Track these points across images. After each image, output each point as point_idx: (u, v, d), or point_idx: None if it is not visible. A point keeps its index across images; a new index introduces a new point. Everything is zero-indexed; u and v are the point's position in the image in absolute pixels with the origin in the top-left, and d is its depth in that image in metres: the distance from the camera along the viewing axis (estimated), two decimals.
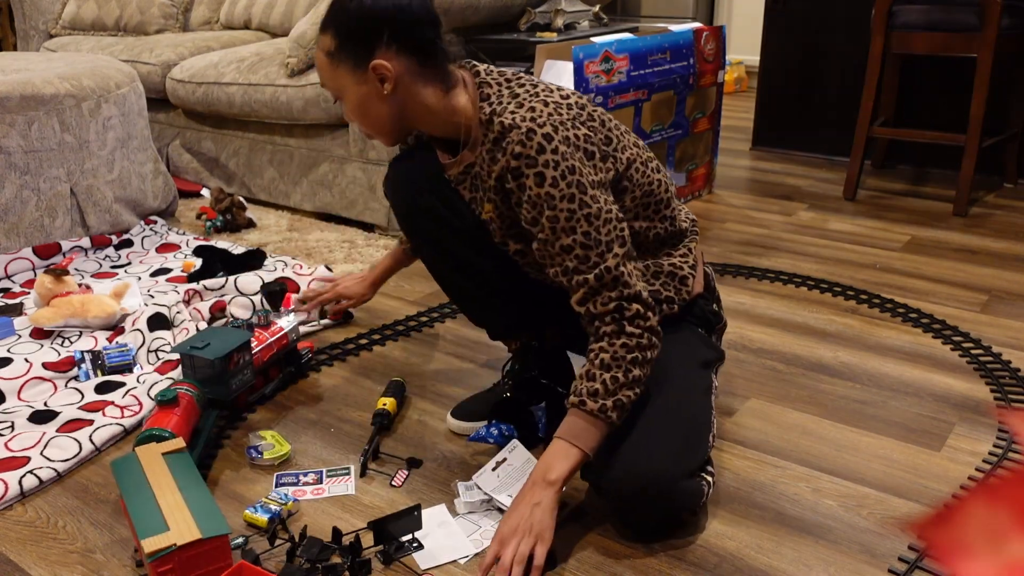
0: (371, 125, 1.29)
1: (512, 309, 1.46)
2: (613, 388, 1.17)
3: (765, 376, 1.70)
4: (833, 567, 1.17)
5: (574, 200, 1.17)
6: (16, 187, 2.18)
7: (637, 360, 1.18)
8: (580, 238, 1.18)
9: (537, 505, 1.15)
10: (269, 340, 1.64)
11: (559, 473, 1.16)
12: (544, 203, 1.17)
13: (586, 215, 1.18)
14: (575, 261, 1.19)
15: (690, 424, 1.24)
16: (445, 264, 1.41)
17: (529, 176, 1.17)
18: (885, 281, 2.17)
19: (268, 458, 1.42)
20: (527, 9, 2.73)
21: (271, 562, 1.19)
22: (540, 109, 1.19)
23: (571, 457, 1.17)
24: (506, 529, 1.14)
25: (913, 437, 1.49)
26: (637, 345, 1.18)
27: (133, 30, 3.55)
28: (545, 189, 1.17)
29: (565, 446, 1.17)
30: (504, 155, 1.19)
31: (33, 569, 1.19)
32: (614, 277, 1.18)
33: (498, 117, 1.21)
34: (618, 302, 1.18)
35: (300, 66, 2.61)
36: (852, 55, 3.31)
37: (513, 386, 1.53)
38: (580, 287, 1.19)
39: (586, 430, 1.17)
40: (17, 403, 1.61)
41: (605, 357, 1.18)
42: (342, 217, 2.70)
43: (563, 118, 1.20)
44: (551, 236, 1.19)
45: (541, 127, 1.17)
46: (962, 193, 2.70)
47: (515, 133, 1.18)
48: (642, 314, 1.19)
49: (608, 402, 1.17)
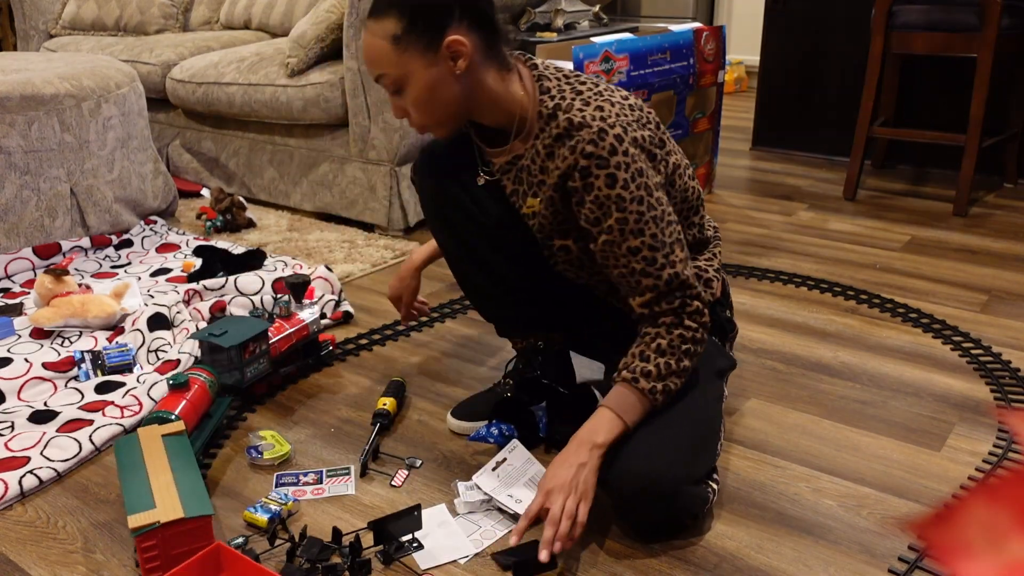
0: (436, 112, 1.22)
1: (524, 309, 1.47)
2: (666, 373, 1.20)
3: (765, 376, 1.70)
4: (833, 567, 1.17)
5: (643, 203, 1.18)
6: (16, 187, 2.18)
7: (689, 352, 1.22)
8: (648, 240, 1.19)
9: (583, 465, 1.17)
10: (288, 331, 1.67)
11: (605, 438, 1.19)
12: (613, 204, 1.18)
13: (653, 217, 1.19)
14: (642, 263, 1.20)
15: (700, 431, 1.25)
16: (464, 257, 1.42)
17: (600, 176, 1.17)
18: (885, 281, 2.17)
19: (268, 458, 1.42)
20: (527, 9, 2.73)
21: (271, 562, 1.19)
22: (608, 109, 1.18)
23: (616, 427, 1.20)
24: (553, 484, 1.16)
25: (913, 437, 1.49)
26: (692, 338, 1.22)
27: (133, 30, 3.55)
28: (616, 191, 1.17)
29: (612, 416, 1.20)
30: (573, 153, 1.18)
31: (33, 569, 1.19)
32: (681, 282, 1.21)
33: (564, 113, 1.19)
34: (682, 299, 1.22)
35: (300, 66, 2.61)
36: (852, 55, 3.31)
37: (514, 386, 1.53)
38: (648, 291, 1.21)
39: (634, 406, 1.20)
40: (17, 403, 1.61)
41: (662, 343, 1.21)
42: (342, 217, 2.70)
43: (630, 119, 1.20)
44: (619, 238, 1.19)
45: (612, 127, 1.17)
46: (962, 193, 2.70)
47: (586, 132, 1.16)
48: (700, 311, 1.22)
49: (659, 385, 1.20)
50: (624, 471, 1.18)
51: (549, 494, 1.15)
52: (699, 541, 1.23)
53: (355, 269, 2.26)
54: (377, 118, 2.49)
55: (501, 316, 1.50)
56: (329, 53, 2.64)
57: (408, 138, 2.51)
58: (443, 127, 1.26)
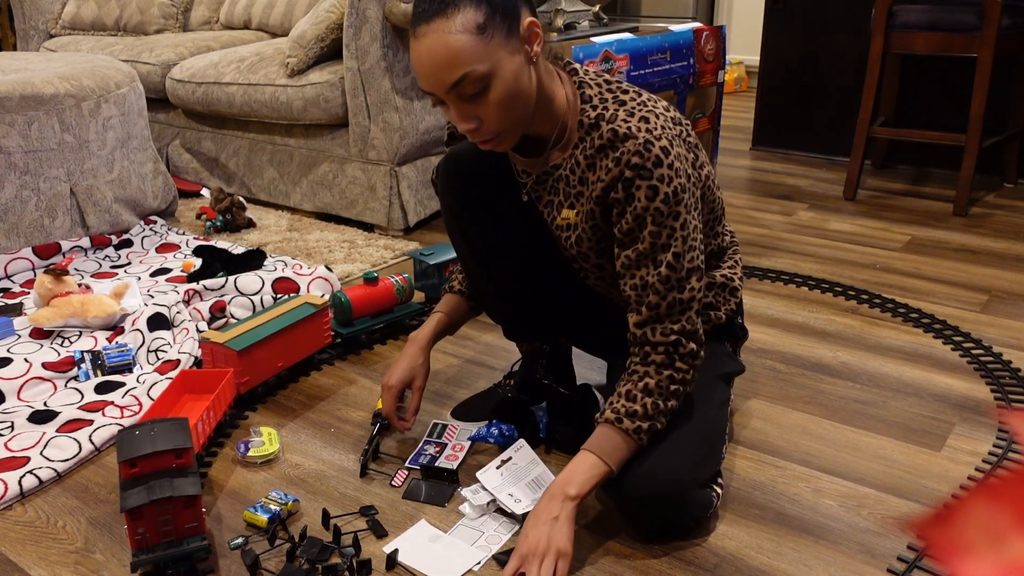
0: (517, 109, 1.13)
1: (534, 318, 1.46)
2: (652, 413, 1.17)
3: (765, 376, 1.70)
4: (833, 567, 1.17)
5: (678, 219, 1.15)
6: (16, 187, 2.18)
7: (677, 393, 1.18)
8: (671, 258, 1.16)
9: (556, 519, 1.13)
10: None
11: (580, 488, 1.15)
12: (650, 217, 1.14)
13: (683, 236, 1.16)
14: (655, 279, 1.16)
15: (706, 435, 1.25)
16: (478, 262, 1.40)
17: (642, 188, 1.13)
18: (885, 281, 2.17)
19: (253, 455, 1.42)
20: None
21: (271, 562, 1.19)
22: (653, 121, 1.15)
23: (598, 472, 1.16)
24: (526, 547, 1.13)
25: (913, 437, 1.49)
26: (682, 380, 1.18)
27: (133, 30, 3.55)
28: (656, 204, 1.13)
29: (594, 460, 1.16)
30: (618, 165, 1.14)
31: (33, 569, 1.19)
32: (683, 310, 1.17)
33: (608, 123, 1.16)
34: (678, 337, 1.17)
35: (300, 66, 2.61)
36: (852, 55, 3.31)
37: (514, 386, 1.53)
38: (649, 309, 1.17)
39: (618, 448, 1.17)
40: (17, 403, 1.61)
41: (650, 383, 1.17)
42: (342, 217, 2.70)
43: (672, 133, 1.17)
44: (648, 250, 1.16)
45: (658, 140, 1.13)
46: (962, 193, 2.70)
47: (631, 143, 1.13)
48: (694, 352, 1.18)
49: (644, 424, 1.17)
50: (631, 473, 1.17)
51: (524, 559, 1.12)
52: (699, 541, 1.23)
53: (355, 269, 2.26)
54: (377, 118, 2.49)
55: (509, 320, 1.49)
56: (329, 53, 2.64)
57: (408, 138, 2.51)
58: (516, 131, 1.16)
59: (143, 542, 1.13)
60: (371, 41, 2.40)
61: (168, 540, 1.14)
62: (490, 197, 1.34)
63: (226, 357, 1.57)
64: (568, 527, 1.13)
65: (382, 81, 2.45)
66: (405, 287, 1.89)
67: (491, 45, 1.07)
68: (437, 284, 1.95)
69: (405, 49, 2.50)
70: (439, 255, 1.95)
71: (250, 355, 1.57)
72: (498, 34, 1.08)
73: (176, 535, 1.14)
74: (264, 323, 1.64)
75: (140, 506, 1.10)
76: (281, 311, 1.69)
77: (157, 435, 1.15)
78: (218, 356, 1.58)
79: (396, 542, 1.22)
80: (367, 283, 1.84)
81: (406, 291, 1.90)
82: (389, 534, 1.24)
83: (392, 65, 2.45)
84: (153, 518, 1.12)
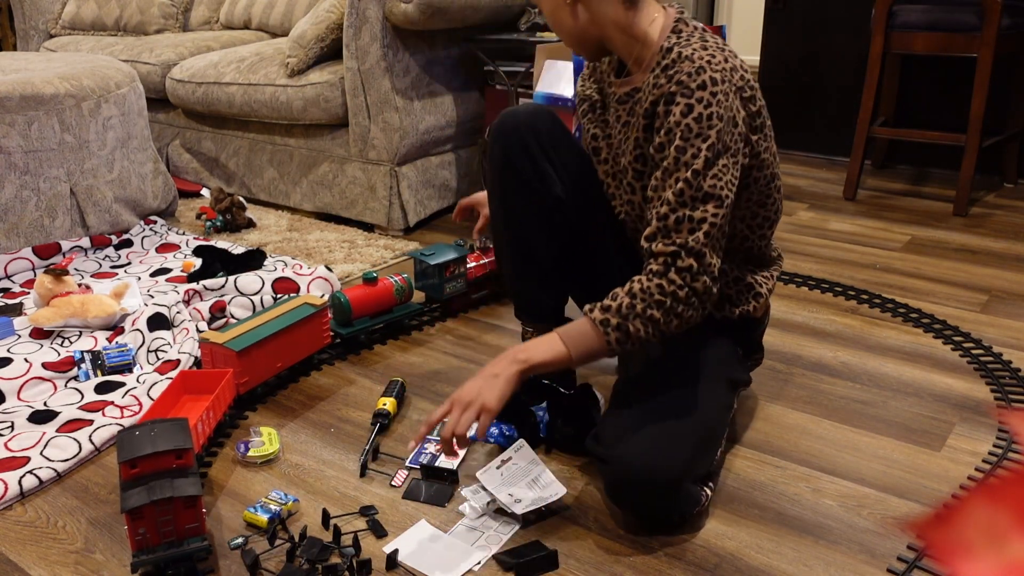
0: (566, 38, 1.34)
1: (549, 294, 1.50)
2: (626, 312, 1.18)
3: (765, 376, 1.70)
4: (833, 567, 1.17)
5: (706, 141, 1.18)
6: (16, 187, 2.18)
7: (663, 305, 1.18)
8: (689, 175, 1.18)
9: (496, 376, 1.18)
10: (483, 260, 2.02)
11: (531, 355, 1.19)
12: (680, 132, 1.19)
13: (708, 159, 1.18)
14: (670, 192, 1.19)
15: (703, 433, 1.25)
16: (508, 230, 1.45)
17: (680, 104, 1.19)
18: (885, 281, 2.17)
19: (253, 455, 1.42)
20: (527, 9, 2.73)
21: (271, 562, 1.19)
22: (719, 59, 1.21)
23: (553, 348, 1.19)
24: (458, 395, 1.19)
25: (913, 437, 1.49)
26: (672, 293, 1.18)
27: (133, 30, 3.55)
28: (687, 120, 1.18)
29: (555, 339, 1.20)
30: (669, 81, 1.21)
31: (33, 569, 1.19)
32: (692, 229, 1.18)
33: (679, 47, 1.23)
34: (678, 249, 1.18)
35: (300, 66, 2.61)
36: (852, 55, 3.31)
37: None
38: (658, 220, 1.20)
39: (582, 335, 1.19)
40: (17, 403, 1.61)
41: (635, 287, 1.19)
42: (342, 217, 2.70)
43: (733, 79, 1.22)
44: (671, 166, 1.19)
45: (711, 70, 1.19)
46: (962, 193, 2.70)
47: (687, 64, 1.20)
48: (693, 270, 1.18)
49: (614, 320, 1.18)
50: (624, 456, 1.18)
51: (453, 404, 1.19)
52: (699, 541, 1.23)
53: (355, 269, 2.26)
54: (377, 118, 2.49)
55: (524, 295, 1.51)
56: (329, 53, 2.64)
57: (408, 138, 2.51)
58: (578, 49, 1.35)
59: (143, 542, 1.13)
60: (371, 41, 2.40)
61: (168, 540, 1.14)
62: (537, 158, 1.40)
63: (226, 357, 1.57)
64: (504, 386, 1.18)
65: (382, 81, 2.45)
66: (404, 287, 1.89)
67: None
68: (437, 284, 1.95)
69: (405, 49, 2.50)
70: (439, 255, 1.95)
71: (250, 355, 1.57)
72: None
73: (176, 535, 1.14)
74: (264, 323, 1.64)
75: (140, 506, 1.10)
76: (281, 311, 1.69)
77: (157, 435, 1.15)
78: (218, 356, 1.58)
79: (396, 542, 1.22)
80: (366, 283, 1.84)
81: (405, 291, 1.89)
82: (389, 534, 1.24)
83: (392, 65, 2.45)
84: (153, 518, 1.12)
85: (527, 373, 1.20)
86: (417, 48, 2.54)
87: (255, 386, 1.61)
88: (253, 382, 1.60)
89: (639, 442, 1.18)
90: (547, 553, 1.17)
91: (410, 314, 1.91)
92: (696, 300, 1.19)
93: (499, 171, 1.43)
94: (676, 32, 1.27)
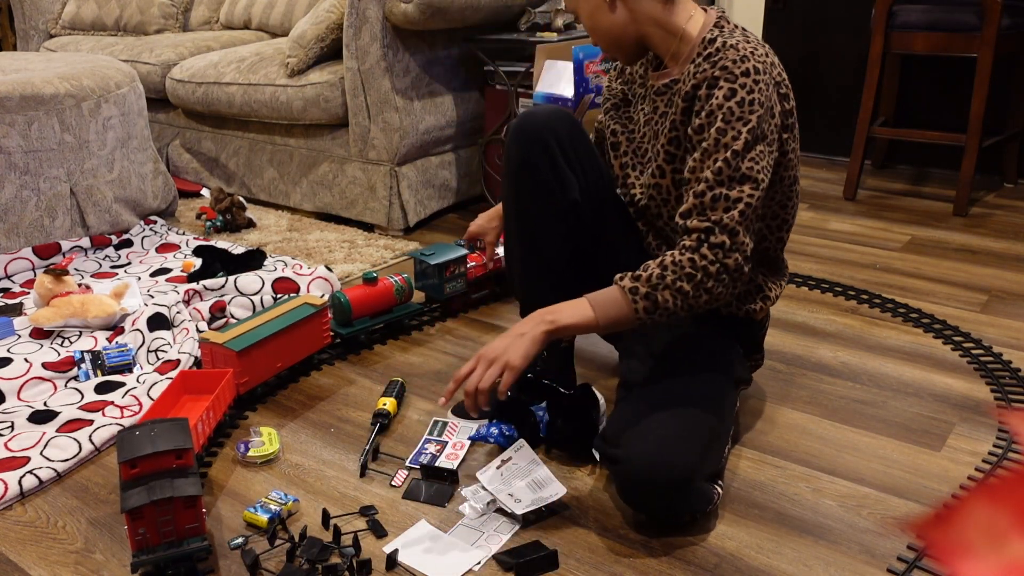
0: (602, 39, 1.35)
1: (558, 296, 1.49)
2: (656, 282, 1.20)
3: (765, 376, 1.70)
4: (833, 567, 1.17)
5: (747, 124, 1.20)
6: (16, 187, 2.18)
7: (693, 278, 1.20)
8: (728, 155, 1.20)
9: (522, 335, 1.21)
10: (484, 261, 2.00)
11: (559, 316, 1.21)
12: (721, 115, 1.21)
13: (747, 141, 1.21)
14: (708, 171, 1.21)
15: (715, 430, 1.25)
16: (519, 227, 1.45)
17: (723, 88, 1.21)
18: (885, 281, 2.17)
19: (253, 455, 1.42)
20: (527, 9, 2.73)
21: (271, 562, 1.19)
22: (761, 52, 1.24)
23: (580, 312, 1.21)
24: (486, 350, 1.22)
25: (913, 437, 1.49)
26: (703, 267, 1.20)
27: (133, 30, 3.55)
28: (730, 104, 1.21)
29: (584, 303, 1.22)
30: (713, 67, 1.23)
31: (33, 569, 1.19)
32: (727, 207, 1.20)
33: (722, 38, 1.26)
34: (712, 225, 1.20)
35: (300, 66, 2.61)
36: (852, 55, 3.31)
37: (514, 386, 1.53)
38: (695, 198, 1.22)
39: (610, 301, 1.21)
40: (17, 403, 1.61)
41: (667, 260, 1.21)
42: (342, 217, 2.70)
43: (772, 73, 1.26)
44: (711, 147, 1.22)
45: (756, 60, 1.22)
46: (962, 193, 2.70)
47: (731, 52, 1.23)
48: (725, 247, 1.20)
49: (643, 289, 1.20)
50: (636, 455, 1.18)
51: (478, 360, 1.21)
52: (699, 541, 1.23)
53: (355, 269, 2.26)
54: (377, 118, 2.49)
55: (532, 296, 1.51)
56: (329, 53, 2.64)
57: (408, 138, 2.51)
58: (619, 52, 1.37)
59: (143, 542, 1.13)
60: (371, 41, 2.40)
61: (168, 540, 1.14)
62: (557, 161, 1.40)
63: (226, 357, 1.57)
64: (529, 345, 1.20)
65: (382, 81, 2.45)
66: (404, 287, 1.89)
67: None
68: (437, 284, 1.95)
69: (405, 49, 2.50)
70: (439, 255, 1.95)
71: (249, 355, 1.57)
72: None
73: (176, 535, 1.14)
74: (264, 323, 1.64)
75: (140, 506, 1.10)
76: (281, 311, 1.69)
77: (157, 435, 1.15)
78: (218, 356, 1.58)
79: (396, 542, 1.22)
80: (366, 283, 1.84)
81: (405, 291, 1.89)
82: (389, 534, 1.24)
83: (392, 65, 2.46)
84: (153, 518, 1.12)
85: (554, 335, 1.22)
86: (417, 48, 2.54)
87: (255, 386, 1.61)
88: (253, 382, 1.60)
89: (650, 440, 1.18)
90: (547, 553, 1.17)
91: (410, 314, 1.91)
92: (727, 276, 1.21)
93: (516, 171, 1.43)
94: (718, 27, 1.30)
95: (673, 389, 1.28)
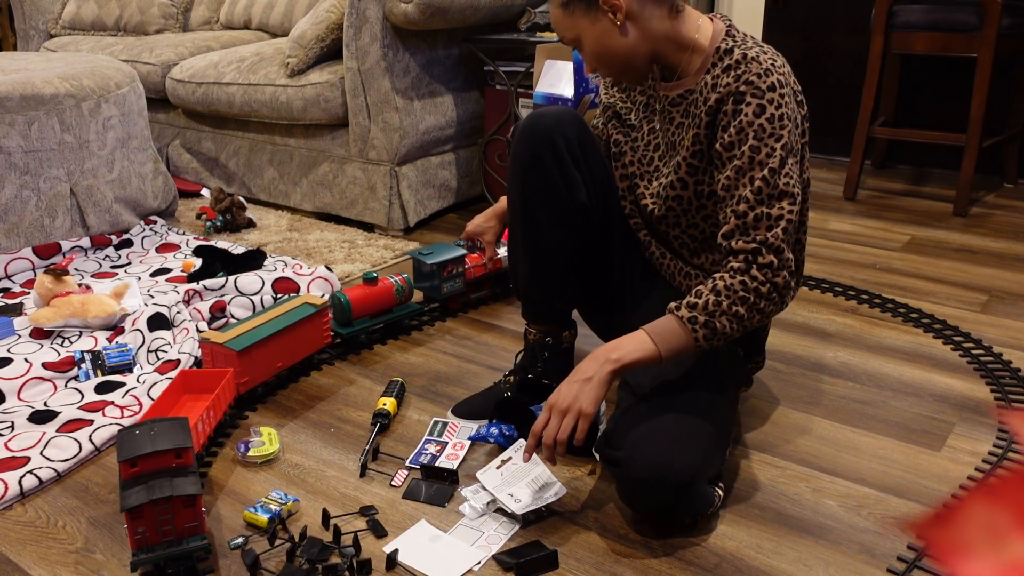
0: (613, 63, 1.32)
1: (562, 298, 1.50)
2: (713, 310, 1.20)
3: (765, 376, 1.70)
4: (833, 567, 1.17)
5: (779, 141, 1.21)
6: (16, 187, 2.18)
7: (747, 301, 1.20)
8: (766, 173, 1.21)
9: (588, 380, 1.20)
10: (483, 261, 1.99)
11: (623, 354, 1.20)
12: (752, 132, 1.21)
13: (781, 157, 1.21)
14: (748, 190, 1.22)
15: (718, 431, 1.25)
16: (524, 228, 1.45)
17: (752, 104, 1.21)
18: (885, 281, 2.17)
19: (253, 455, 1.42)
20: (527, 9, 2.73)
21: (271, 562, 1.19)
22: (780, 64, 1.25)
23: (642, 346, 1.20)
24: (554, 400, 1.21)
25: (913, 437, 1.49)
26: (755, 289, 1.20)
27: (133, 30, 3.55)
28: (760, 120, 1.21)
29: (645, 337, 1.21)
30: (737, 81, 1.23)
31: (33, 569, 1.19)
32: (770, 226, 1.21)
33: (740, 49, 1.25)
34: (758, 246, 1.21)
35: (300, 66, 2.61)
36: (852, 55, 3.31)
37: (515, 385, 1.53)
38: (737, 218, 1.22)
39: (670, 332, 1.21)
40: (17, 403, 1.61)
41: (720, 284, 1.21)
42: (342, 217, 2.70)
43: (790, 83, 1.27)
44: (746, 165, 1.22)
45: (778, 73, 1.23)
46: (962, 193, 2.70)
47: (755, 65, 1.22)
48: (774, 266, 1.21)
49: (701, 318, 1.20)
50: (639, 458, 1.18)
51: (551, 410, 1.21)
52: (699, 541, 1.23)
53: (355, 269, 2.26)
54: (377, 118, 2.49)
55: (534, 296, 1.51)
56: (329, 53, 2.64)
57: (408, 138, 2.51)
58: (630, 72, 1.33)
59: (143, 542, 1.13)
60: (371, 41, 2.40)
61: (168, 540, 1.14)
62: (566, 163, 1.40)
63: (226, 357, 1.57)
64: (598, 389, 1.19)
65: (382, 81, 2.45)
66: (404, 287, 1.89)
67: (573, 18, 1.30)
68: (437, 284, 1.95)
69: (405, 49, 2.50)
70: (439, 255, 1.95)
71: (250, 355, 1.57)
72: (577, 10, 1.29)
73: (176, 535, 1.14)
74: (264, 323, 1.64)
75: (140, 505, 1.10)
76: (281, 311, 1.69)
77: (157, 435, 1.15)
78: (218, 356, 1.58)
79: (396, 542, 1.22)
80: (366, 283, 1.84)
81: (405, 291, 1.89)
82: (389, 534, 1.24)
83: (392, 65, 2.46)
84: (153, 518, 1.12)
85: (620, 373, 1.21)
86: (417, 48, 2.54)
87: (255, 386, 1.61)
88: (253, 382, 1.60)
89: (653, 443, 1.18)
90: (547, 553, 1.17)
91: (410, 314, 1.91)
92: (777, 295, 1.22)
93: (524, 172, 1.42)
94: (730, 36, 1.30)
95: (675, 391, 1.27)
